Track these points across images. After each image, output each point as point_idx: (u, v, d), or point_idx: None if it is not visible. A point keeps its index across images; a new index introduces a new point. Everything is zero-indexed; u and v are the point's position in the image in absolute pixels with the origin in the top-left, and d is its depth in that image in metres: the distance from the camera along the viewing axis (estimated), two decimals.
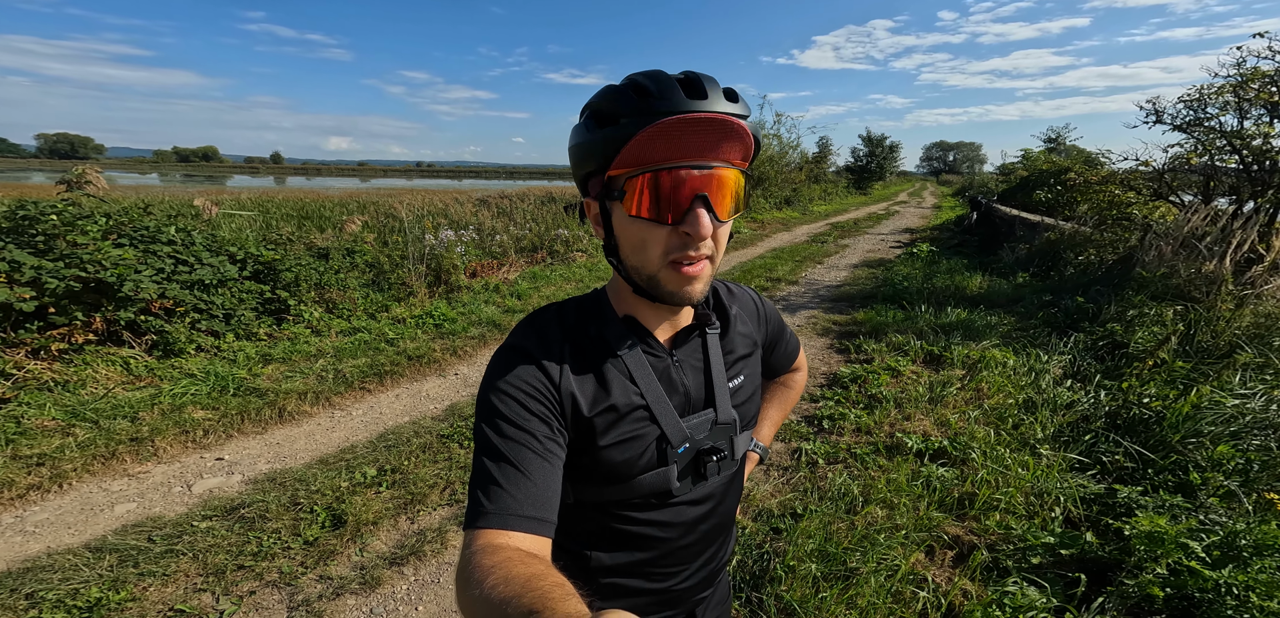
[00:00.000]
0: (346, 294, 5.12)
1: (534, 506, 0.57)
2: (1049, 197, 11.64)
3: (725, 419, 0.73)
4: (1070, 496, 2.22)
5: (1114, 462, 2.47)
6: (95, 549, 2.14)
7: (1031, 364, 3.80)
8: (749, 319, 0.83)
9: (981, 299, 5.81)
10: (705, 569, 0.79)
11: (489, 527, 0.55)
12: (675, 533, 0.72)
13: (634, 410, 0.66)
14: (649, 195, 0.58)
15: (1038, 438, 2.80)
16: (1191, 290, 4.79)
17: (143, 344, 3.83)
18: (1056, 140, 24.33)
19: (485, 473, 0.59)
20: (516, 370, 0.63)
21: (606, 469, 0.66)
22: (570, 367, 0.65)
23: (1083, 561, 1.84)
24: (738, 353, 0.78)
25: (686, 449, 0.70)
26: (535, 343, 0.66)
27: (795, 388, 1.01)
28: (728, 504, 0.79)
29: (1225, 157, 7.03)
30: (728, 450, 0.74)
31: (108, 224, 4.02)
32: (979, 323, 4.87)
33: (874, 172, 32.97)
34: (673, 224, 0.59)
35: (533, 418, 0.61)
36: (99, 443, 2.83)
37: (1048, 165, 14.25)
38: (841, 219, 15.79)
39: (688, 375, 0.71)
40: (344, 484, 2.64)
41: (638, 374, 0.67)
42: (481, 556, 0.51)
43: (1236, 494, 1.97)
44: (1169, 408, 2.68)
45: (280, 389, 3.57)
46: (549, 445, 0.61)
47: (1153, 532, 1.71)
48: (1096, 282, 5.73)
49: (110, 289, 3.70)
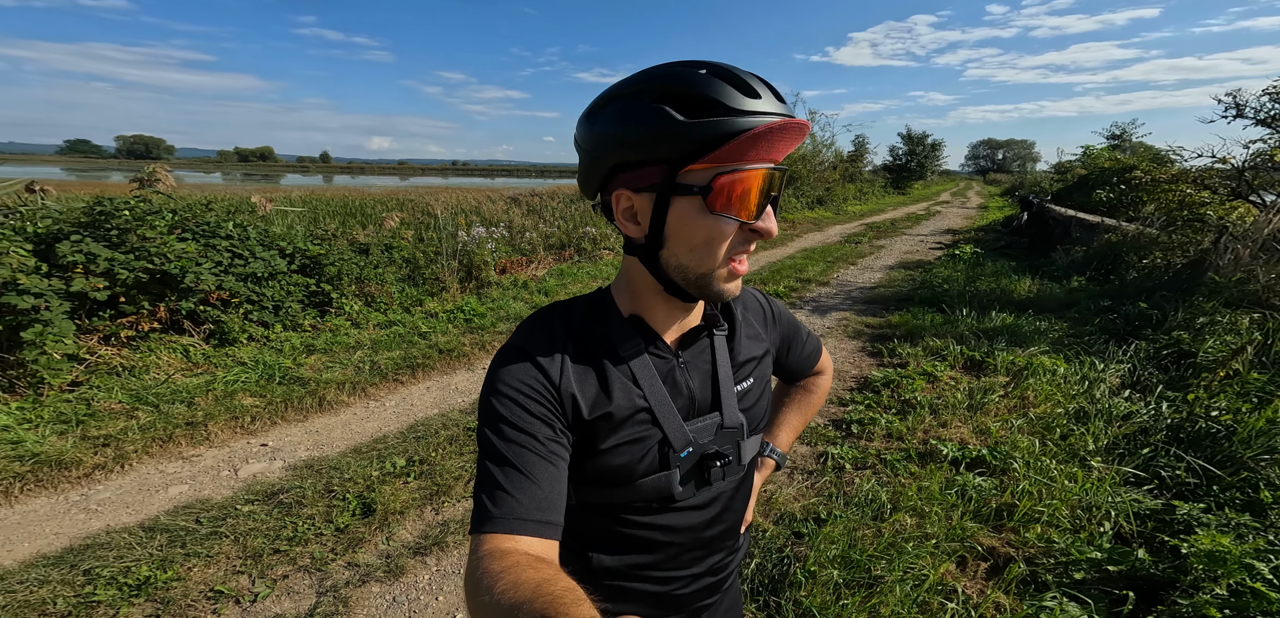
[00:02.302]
0: (384, 288, 5.32)
1: (540, 509, 0.57)
2: (1111, 196, 10.87)
3: (731, 423, 0.71)
4: (1122, 510, 2.06)
5: (1174, 477, 2.27)
6: (148, 529, 2.28)
7: (1084, 372, 3.55)
8: (756, 321, 0.81)
9: (1030, 304, 5.49)
10: (710, 576, 0.77)
11: (496, 531, 0.54)
12: (678, 537, 0.71)
13: (637, 414, 0.65)
14: (737, 192, 0.57)
15: (1089, 450, 2.61)
16: (1272, 297, 4.37)
17: (201, 333, 4.10)
18: (1121, 137, 22.70)
19: (490, 477, 0.58)
20: (518, 372, 0.62)
21: (608, 472, 0.65)
22: (572, 367, 0.64)
23: (1132, 578, 1.70)
24: (745, 355, 0.76)
25: (690, 453, 0.68)
26: (537, 343, 0.65)
27: (818, 392, 0.98)
28: (735, 510, 0.77)
29: None
30: (734, 455, 0.72)
31: (173, 219, 4.33)
32: (1027, 328, 4.59)
33: (914, 171, 31.62)
34: (746, 222, 0.59)
35: (535, 420, 0.60)
36: (158, 426, 3.04)
37: (1110, 163, 13.31)
38: (877, 219, 15.25)
39: (693, 378, 0.69)
40: (375, 473, 2.73)
41: (641, 376, 0.66)
42: (489, 560, 0.51)
43: None
44: (1241, 422, 2.45)
45: (321, 379, 3.74)
46: (552, 447, 0.60)
47: (1214, 551, 1.56)
48: (1162, 286, 5.31)
49: (174, 280, 3.98)
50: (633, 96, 0.58)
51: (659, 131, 0.56)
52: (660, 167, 0.58)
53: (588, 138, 0.62)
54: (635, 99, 0.57)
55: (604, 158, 0.61)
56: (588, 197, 0.68)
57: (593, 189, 0.65)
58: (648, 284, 0.66)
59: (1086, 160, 16.71)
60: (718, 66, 0.58)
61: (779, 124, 0.55)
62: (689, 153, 0.56)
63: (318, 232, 5.86)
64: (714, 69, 0.57)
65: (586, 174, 0.65)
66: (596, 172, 0.63)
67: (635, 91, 0.58)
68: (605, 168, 0.62)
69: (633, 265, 0.66)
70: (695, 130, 0.55)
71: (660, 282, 0.64)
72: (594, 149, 0.61)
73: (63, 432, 2.86)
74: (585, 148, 0.63)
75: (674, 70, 0.57)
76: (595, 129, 0.60)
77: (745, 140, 0.55)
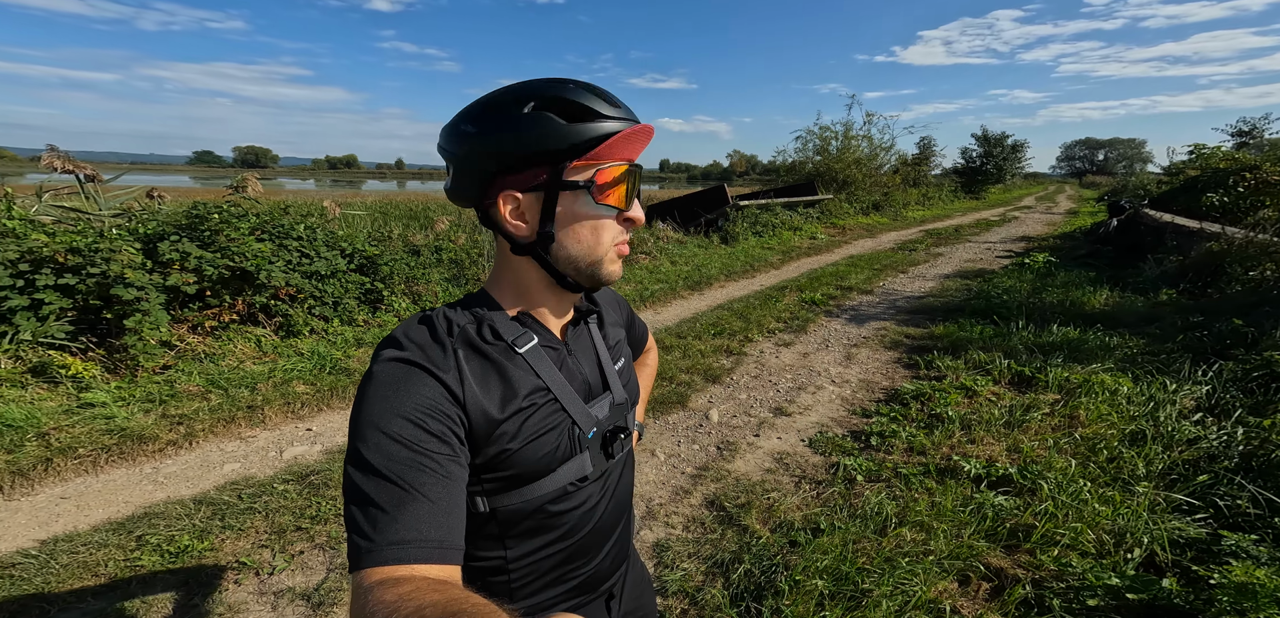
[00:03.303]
0: (429, 287, 5.69)
1: (439, 531, 0.51)
2: (1225, 200, 9.55)
3: (620, 399, 0.78)
4: (1159, 538, 1.84)
5: (1233, 507, 2.00)
6: (199, 502, 2.52)
7: (1151, 392, 3.18)
8: (610, 307, 0.89)
9: (1102, 317, 4.96)
10: (616, 547, 0.82)
11: (382, 563, 0.48)
12: (591, 518, 0.74)
13: (544, 404, 0.67)
14: (615, 186, 0.66)
15: (1139, 474, 2.35)
16: None
17: (272, 325, 4.59)
18: (1250, 132, 19.80)
19: (369, 502, 0.51)
20: (407, 385, 0.57)
21: (523, 467, 0.65)
22: (470, 372, 0.61)
23: (1153, 609, 1.52)
24: (614, 338, 0.84)
25: (594, 434, 0.72)
26: (423, 344, 0.61)
27: (651, 367, 1.12)
28: (626, 480, 0.83)
29: None
30: (625, 428, 0.78)
31: (255, 222, 4.89)
32: (1092, 343, 4.17)
33: (990, 173, 29.23)
34: (622, 212, 0.68)
35: (430, 437, 0.55)
36: (225, 408, 3.43)
37: (1227, 163, 11.68)
38: (940, 226, 14.28)
39: (583, 363, 0.74)
40: None
41: (541, 368, 0.67)
42: (382, 592, 0.44)
43: None
44: None
45: (365, 370, 4.07)
46: (449, 466, 0.55)
47: (1246, 583, 1.37)
48: (1268, 302, 4.63)
49: (251, 277, 4.49)
50: (514, 105, 0.62)
51: (546, 133, 0.61)
52: (546, 167, 0.63)
53: (465, 145, 0.64)
54: (517, 106, 0.62)
55: (486, 164, 0.64)
56: (463, 204, 0.72)
57: (472, 196, 0.68)
58: (537, 280, 0.69)
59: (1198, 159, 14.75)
60: (580, 82, 0.67)
61: (636, 129, 0.66)
62: (571, 152, 0.62)
63: (378, 234, 6.37)
64: (579, 84, 0.66)
65: (463, 182, 0.67)
66: (475, 178, 0.66)
67: (516, 100, 0.63)
68: (487, 173, 0.65)
69: (520, 264, 0.69)
70: (576, 132, 0.62)
71: (551, 275, 0.68)
72: (474, 156, 0.64)
73: (148, 410, 3.31)
74: (462, 156, 0.65)
75: (548, 83, 0.65)
76: (475, 136, 0.63)
77: (616, 141, 0.64)
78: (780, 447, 3.03)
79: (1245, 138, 19.35)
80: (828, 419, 3.36)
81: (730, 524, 2.34)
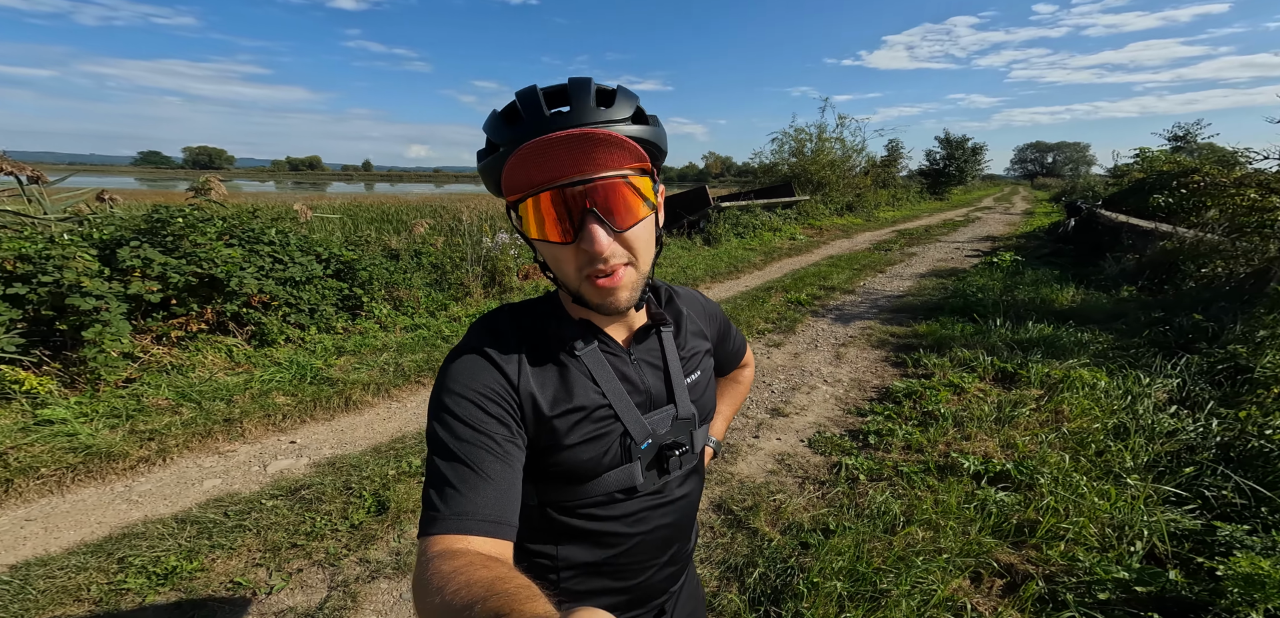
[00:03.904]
0: (411, 292, 5.52)
1: (493, 508, 0.56)
2: (1170, 201, 10.17)
3: (685, 414, 0.74)
4: (1157, 530, 1.92)
5: (1219, 498, 2.10)
6: (181, 520, 2.39)
7: (1127, 387, 3.33)
8: (699, 317, 0.84)
9: (1072, 314, 5.20)
10: (671, 564, 0.79)
11: (445, 532, 0.53)
12: (640, 529, 0.72)
13: (597, 409, 0.66)
14: (536, 218, 0.59)
15: (1126, 467, 2.45)
16: None
17: (244, 334, 4.36)
18: (1184, 138, 21.18)
19: (440, 477, 0.57)
20: (473, 372, 0.62)
21: (571, 468, 0.66)
22: (530, 367, 0.65)
23: (1162, 600, 1.58)
24: (692, 349, 0.79)
25: (650, 445, 0.70)
26: (492, 343, 0.65)
27: (744, 384, 1.05)
28: (690, 498, 0.79)
29: None
30: (688, 444, 0.75)
31: (222, 226, 4.63)
32: (1066, 339, 4.35)
33: (953, 175, 30.42)
34: (572, 242, 0.59)
35: (490, 420, 0.60)
36: (199, 422, 3.23)
37: (1170, 166, 12.46)
38: (911, 226, 14.75)
39: (647, 374, 0.72)
40: (391, 472, 2.82)
41: (598, 373, 0.67)
42: (439, 562, 0.49)
43: None
44: None
45: (349, 380, 3.90)
46: (507, 447, 0.60)
47: (1253, 574, 1.44)
48: (1221, 297, 4.94)
49: (221, 284, 4.25)
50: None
51: (483, 171, 0.63)
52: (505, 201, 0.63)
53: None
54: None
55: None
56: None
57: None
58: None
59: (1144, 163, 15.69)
60: (519, 93, 0.61)
61: (541, 144, 0.54)
62: (495, 188, 0.62)
63: (354, 238, 6.14)
64: (515, 97, 0.61)
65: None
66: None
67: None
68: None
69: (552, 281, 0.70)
70: (485, 167, 0.61)
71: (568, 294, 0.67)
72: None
73: (114, 426, 3.09)
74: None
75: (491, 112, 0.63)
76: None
77: (517, 168, 0.56)
78: (781, 448, 3.04)
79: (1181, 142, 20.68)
80: (824, 419, 3.40)
81: (739, 528, 2.33)
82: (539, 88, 0.60)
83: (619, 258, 0.60)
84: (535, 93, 0.60)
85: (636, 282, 0.64)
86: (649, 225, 0.63)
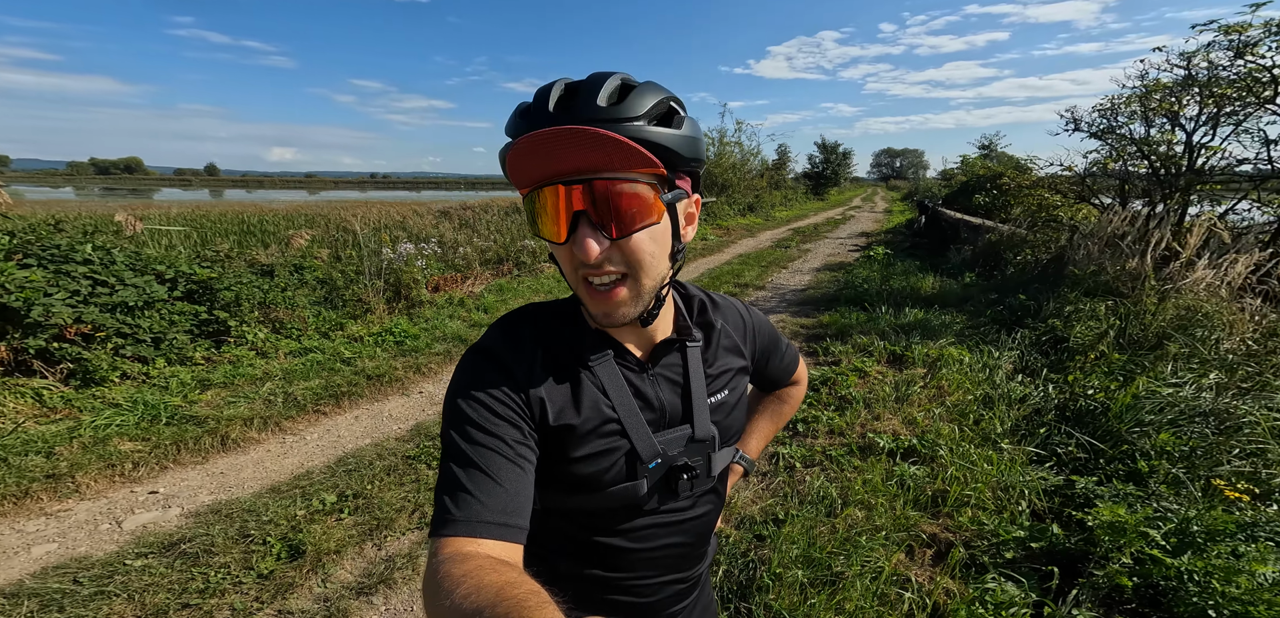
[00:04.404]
0: (295, 313, 4.80)
1: (504, 511, 0.55)
2: (987, 200, 12.42)
3: (702, 435, 0.71)
4: (1033, 488, 2.33)
5: (1068, 453, 2.61)
6: (11, 595, 1.93)
7: (985, 361, 3.99)
8: (735, 332, 0.80)
9: (935, 299, 6.10)
10: (678, 583, 0.77)
11: (457, 534, 0.53)
12: (645, 545, 0.71)
13: (604, 424, 0.64)
14: (536, 212, 0.58)
15: (997, 433, 2.93)
16: (1119, 286, 5.18)
17: (57, 374, 3.45)
18: (989, 147, 25.97)
19: (453, 479, 0.56)
20: (486, 373, 0.62)
21: (574, 481, 0.65)
22: (542, 374, 0.63)
23: (1052, 553, 1.92)
24: (721, 367, 0.75)
25: (658, 465, 0.68)
26: (507, 346, 0.64)
27: (791, 403, 0.98)
28: (703, 520, 0.76)
29: (1136, 162, 7.69)
30: (703, 468, 0.72)
31: (11, 243, 3.61)
32: (935, 322, 5.09)
33: (830, 178, 34.24)
34: (566, 243, 0.57)
35: (503, 422, 0.59)
36: (9, 481, 2.53)
37: (984, 171, 15.21)
38: (802, 224, 16.27)
39: (664, 390, 0.69)
40: (300, 512, 2.47)
41: (610, 387, 0.66)
42: (450, 564, 0.49)
43: (1183, 481, 2.12)
44: (1112, 399, 2.87)
45: (222, 416, 3.29)
46: (520, 450, 0.59)
47: (1114, 522, 1.81)
48: (1034, 280, 6.12)
49: (16, 315, 3.31)
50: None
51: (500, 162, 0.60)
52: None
53: None
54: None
55: None
56: None
57: None
58: None
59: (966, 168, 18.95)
60: (539, 89, 0.58)
61: (536, 139, 0.52)
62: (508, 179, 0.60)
63: (207, 253, 5.16)
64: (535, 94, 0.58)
65: None
66: None
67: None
68: None
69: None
70: (500, 162, 0.59)
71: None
72: None
73: None
74: None
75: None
76: None
77: (517, 160, 0.55)
78: None
79: (987, 151, 25.35)
80: None
81: None
82: (565, 81, 0.58)
83: (613, 266, 0.58)
84: (551, 86, 0.57)
85: (637, 295, 0.61)
86: (656, 235, 0.59)
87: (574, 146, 0.53)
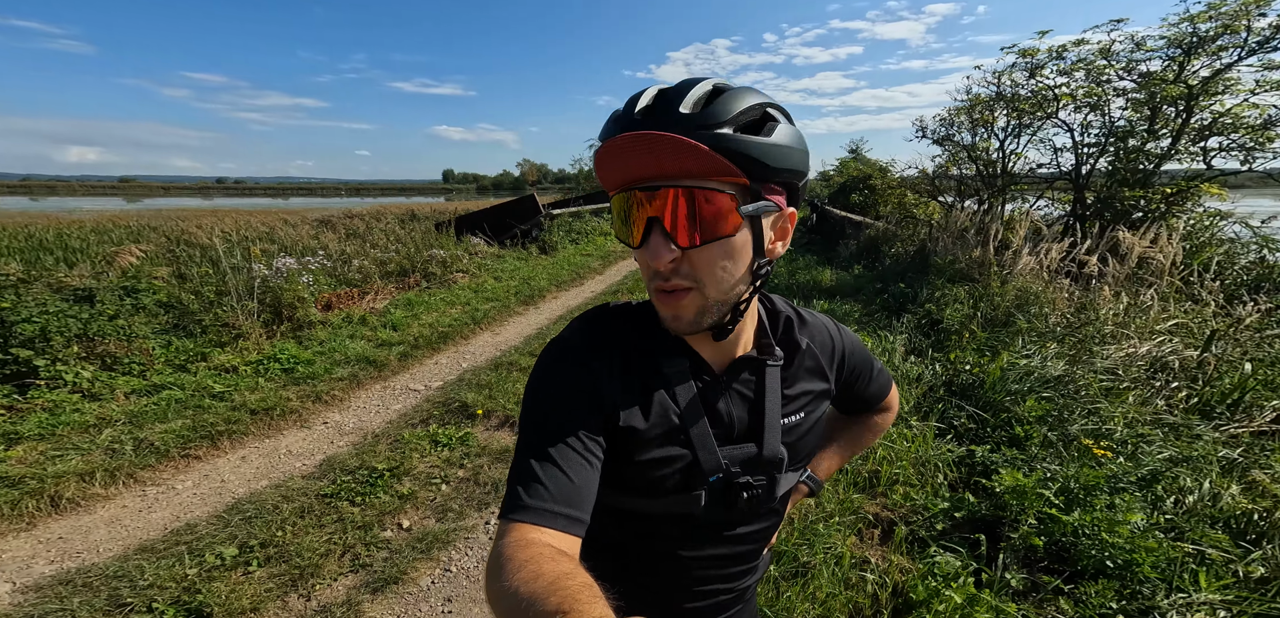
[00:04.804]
0: (133, 345, 3.89)
1: (569, 504, 0.57)
2: (861, 199, 14.05)
3: (770, 456, 0.70)
4: (945, 461, 2.66)
5: (962, 425, 3.03)
6: None
7: (883, 344, 4.49)
8: (821, 354, 0.78)
9: (834, 290, 6.74)
10: (726, 594, 0.77)
11: (524, 521, 0.55)
12: (696, 554, 0.72)
13: (670, 432, 0.65)
14: (614, 215, 0.62)
15: (905, 411, 3.31)
16: (972, 273, 6.17)
17: None
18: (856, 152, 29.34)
19: (526, 468, 0.58)
20: (565, 367, 0.64)
21: (634, 482, 0.66)
22: (617, 374, 0.65)
23: (974, 521, 2.22)
24: (800, 389, 0.74)
25: (718, 479, 0.67)
26: (586, 344, 0.66)
27: (875, 430, 0.94)
28: (759, 537, 0.76)
29: (967, 165, 9.22)
30: (765, 487, 0.70)
31: None
32: (840, 311, 5.62)
33: None
34: (639, 248, 0.59)
35: (576, 418, 0.61)
36: None
37: (857, 172, 17.17)
38: None
39: (736, 405, 0.69)
40: (191, 571, 2.08)
41: (681, 395, 0.66)
42: (513, 548, 0.51)
43: (1052, 442, 2.56)
44: (985, 373, 3.39)
45: (45, 474, 2.59)
46: (590, 446, 0.61)
47: (1015, 486, 2.13)
48: (908, 269, 7.04)
49: None
50: None
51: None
52: None
53: None
54: None
55: None
56: None
57: None
58: None
59: (842, 170, 21.22)
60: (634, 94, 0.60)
61: (615, 144, 0.55)
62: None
63: None
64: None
65: None
66: None
67: None
68: None
69: None
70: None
71: None
72: None
73: None
74: None
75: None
76: None
77: (601, 163, 0.58)
78: None
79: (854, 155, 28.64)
80: None
81: None
82: (659, 87, 0.59)
83: (681, 278, 0.59)
84: (643, 92, 0.59)
85: (703, 307, 0.61)
86: (730, 248, 0.59)
87: (650, 152, 0.54)
